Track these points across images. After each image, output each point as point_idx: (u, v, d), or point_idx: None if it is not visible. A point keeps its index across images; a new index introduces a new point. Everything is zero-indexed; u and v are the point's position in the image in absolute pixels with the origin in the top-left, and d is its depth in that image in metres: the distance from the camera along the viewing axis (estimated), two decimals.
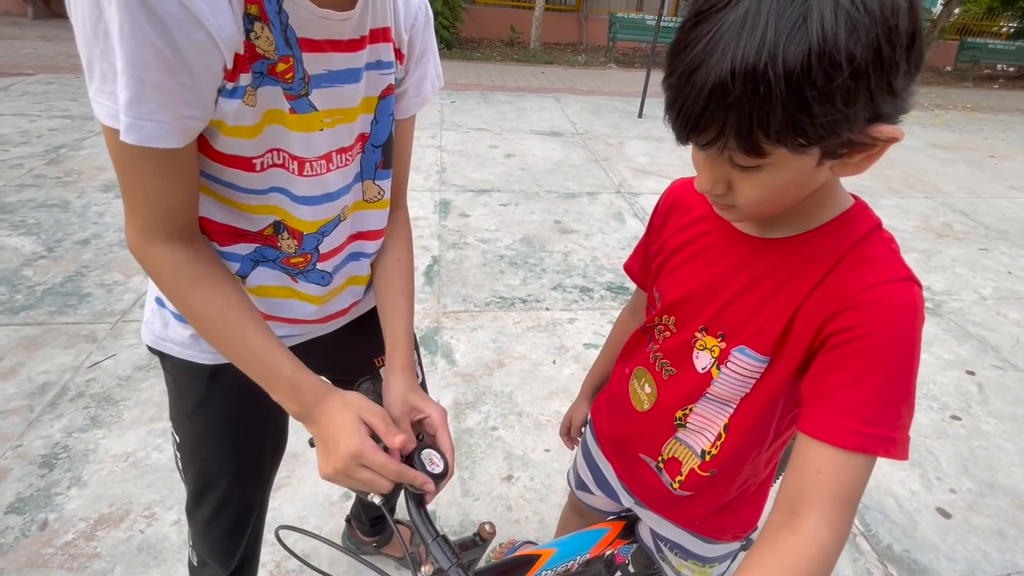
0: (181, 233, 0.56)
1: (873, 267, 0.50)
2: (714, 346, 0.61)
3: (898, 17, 0.37)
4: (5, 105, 4.10)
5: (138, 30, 0.43)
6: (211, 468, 0.82)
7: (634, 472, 0.78)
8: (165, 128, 0.47)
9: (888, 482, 1.72)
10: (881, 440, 0.46)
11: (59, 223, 2.67)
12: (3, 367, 1.83)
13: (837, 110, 0.38)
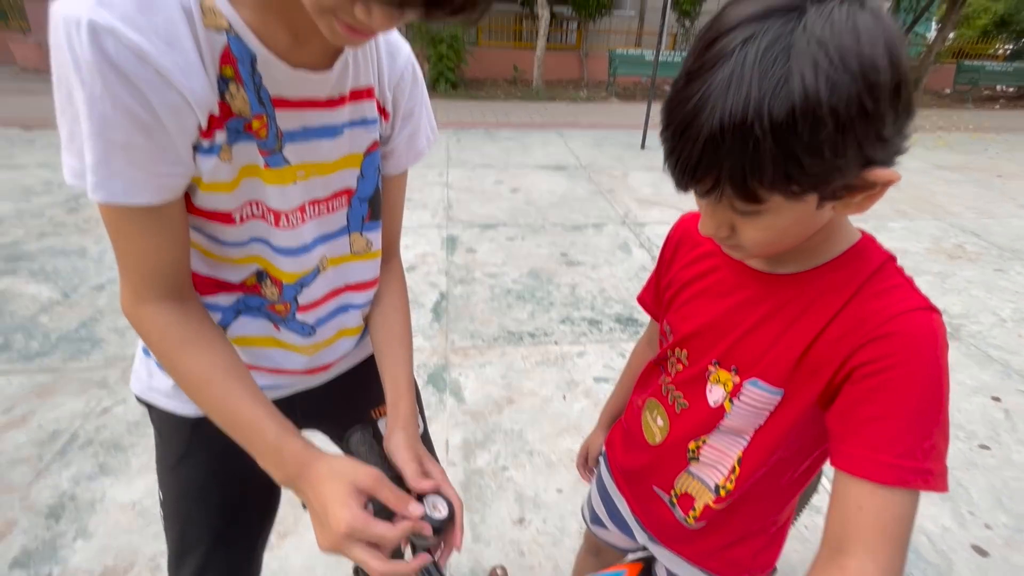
0: (171, 293, 0.56)
1: (893, 298, 0.49)
2: (727, 380, 0.60)
3: (879, 73, 0.37)
4: (30, 156, 4.27)
5: (108, 93, 0.44)
6: (191, 528, 0.78)
7: (647, 505, 0.76)
8: (136, 186, 0.48)
9: (920, 518, 1.63)
10: (920, 473, 0.45)
11: (76, 269, 2.73)
12: (15, 415, 1.84)
13: (826, 160, 0.38)
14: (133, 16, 0.44)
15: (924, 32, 12.17)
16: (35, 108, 5.62)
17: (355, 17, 0.45)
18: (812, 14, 0.38)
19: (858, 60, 0.37)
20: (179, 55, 0.47)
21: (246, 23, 0.50)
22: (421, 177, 4.22)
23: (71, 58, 0.43)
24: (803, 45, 0.37)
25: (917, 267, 3.23)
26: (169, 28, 0.46)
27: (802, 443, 0.60)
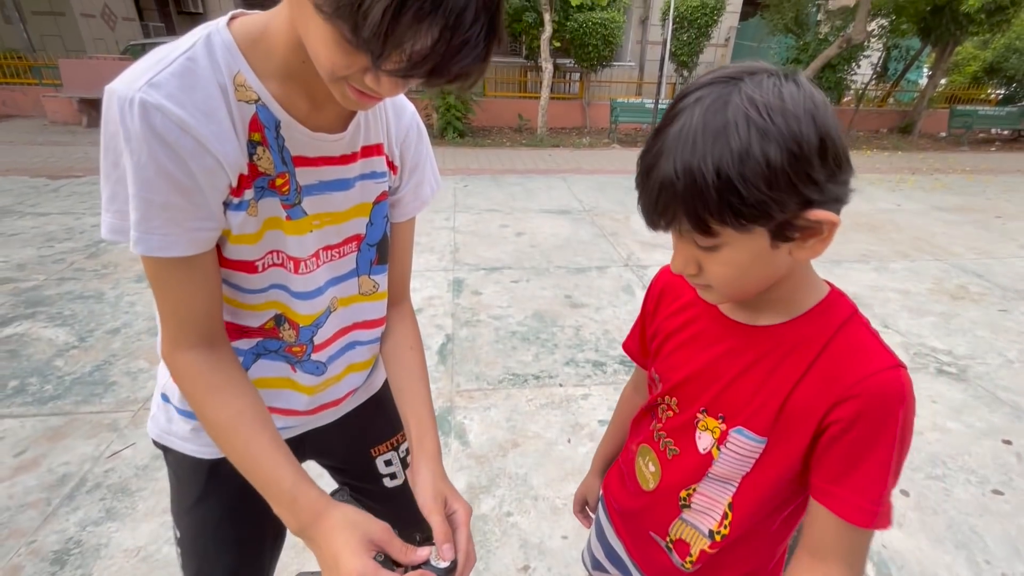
0: (204, 339, 0.61)
1: (863, 357, 0.54)
2: (715, 427, 0.63)
3: (800, 124, 0.45)
4: (54, 204, 4.46)
5: (152, 160, 0.51)
6: (208, 564, 0.82)
7: (645, 550, 0.77)
8: (171, 239, 0.54)
9: (933, 567, 1.60)
10: (883, 515, 0.53)
11: (93, 313, 2.81)
12: (26, 459, 1.86)
13: (763, 193, 0.45)
14: (177, 94, 0.51)
15: (917, 79, 12.60)
16: (62, 159, 5.90)
17: (365, 84, 0.51)
18: (747, 82, 0.47)
19: (782, 114, 0.45)
20: (215, 125, 0.54)
21: (272, 94, 0.58)
22: (428, 222, 4.35)
23: (122, 130, 0.50)
24: (737, 102, 0.45)
25: (920, 308, 3.25)
26: (208, 102, 0.54)
27: (792, 488, 0.62)
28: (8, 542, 1.56)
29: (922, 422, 2.24)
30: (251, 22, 0.58)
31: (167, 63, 0.52)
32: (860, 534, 0.54)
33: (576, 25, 8.52)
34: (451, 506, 0.67)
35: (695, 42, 9.65)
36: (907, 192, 6.09)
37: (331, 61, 0.49)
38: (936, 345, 2.85)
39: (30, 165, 5.56)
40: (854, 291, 3.46)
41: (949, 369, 2.63)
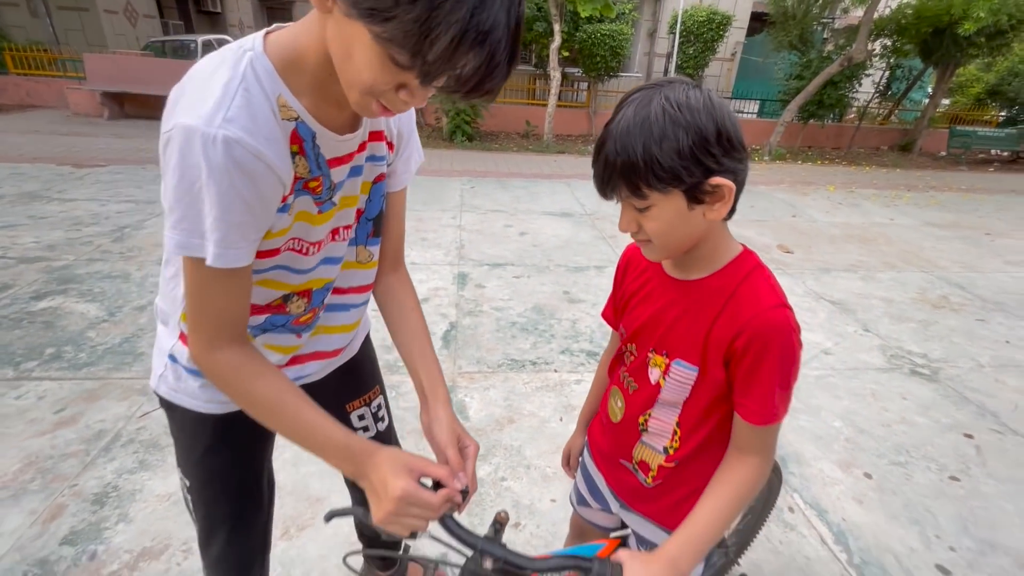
0: (236, 338, 0.69)
1: (756, 299, 0.71)
2: (661, 362, 0.81)
3: (700, 117, 0.62)
4: (80, 191, 4.67)
5: (232, 187, 0.58)
6: (216, 511, 0.92)
7: (618, 476, 0.95)
8: (241, 252, 0.63)
9: (887, 539, 1.76)
10: (775, 416, 0.71)
11: (120, 292, 3.00)
12: (65, 415, 2.04)
13: (675, 163, 0.62)
14: (249, 126, 0.58)
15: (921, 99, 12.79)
16: (86, 149, 6.12)
17: (394, 99, 0.58)
18: (665, 88, 0.64)
19: (688, 109, 0.62)
20: (275, 146, 0.62)
21: (306, 109, 0.65)
22: (436, 220, 4.54)
23: (204, 163, 0.56)
24: (657, 101, 0.63)
25: (902, 315, 3.41)
26: (267, 127, 0.61)
27: (723, 409, 0.79)
28: (53, 484, 1.74)
29: (890, 415, 2.40)
30: (284, 42, 0.63)
31: (231, 96, 0.58)
32: (765, 431, 0.73)
33: (585, 36, 8.75)
34: (463, 441, 0.78)
35: (701, 56, 9.87)
36: (901, 208, 6.25)
37: (374, 79, 0.55)
38: (912, 348, 3.01)
39: (55, 154, 5.78)
40: (840, 297, 3.63)
41: (922, 370, 2.79)
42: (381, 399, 1.14)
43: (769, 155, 8.79)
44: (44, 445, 1.89)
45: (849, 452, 2.16)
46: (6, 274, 3.10)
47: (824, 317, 3.32)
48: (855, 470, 2.06)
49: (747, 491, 0.74)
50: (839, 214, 5.79)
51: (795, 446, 2.17)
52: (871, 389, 2.60)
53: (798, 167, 8.38)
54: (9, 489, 1.71)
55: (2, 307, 2.76)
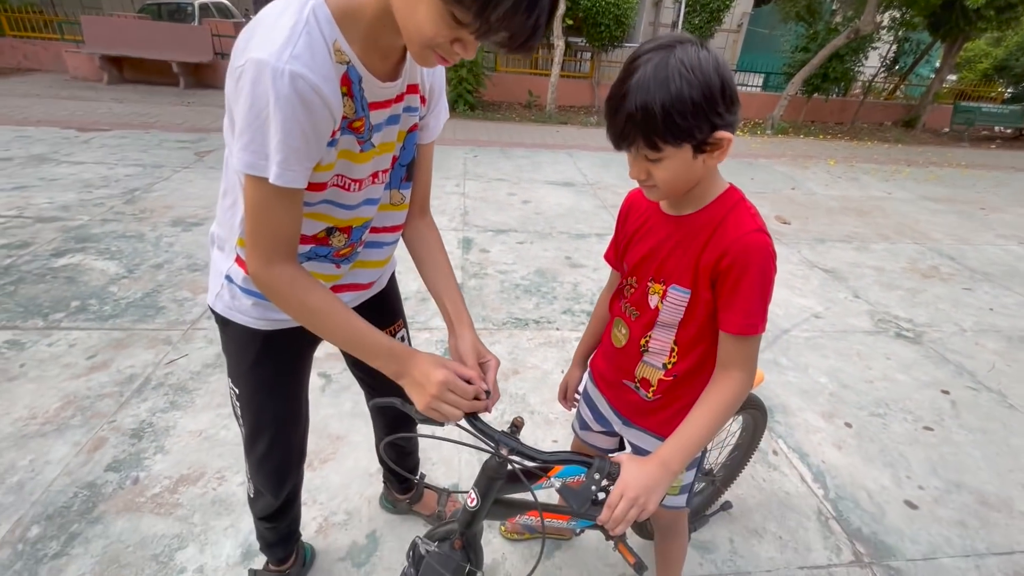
0: (289, 256, 0.77)
1: (738, 224, 0.82)
2: (659, 289, 0.92)
3: (710, 77, 0.70)
4: (87, 155, 4.71)
5: (293, 116, 0.66)
6: (264, 414, 1.04)
7: (620, 394, 1.07)
8: (300, 175, 0.71)
9: (861, 478, 1.91)
10: (754, 327, 0.81)
11: (136, 251, 3.10)
12: (97, 361, 2.17)
13: (690, 123, 0.71)
14: (311, 63, 0.66)
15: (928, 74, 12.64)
16: (88, 113, 6.11)
17: (450, 51, 0.67)
18: (678, 49, 0.71)
19: (700, 70, 0.70)
20: (330, 84, 0.70)
21: (357, 55, 0.73)
22: (440, 187, 4.60)
23: (272, 92, 0.64)
24: (673, 63, 0.70)
25: (891, 283, 3.53)
26: (325, 67, 0.69)
27: (713, 329, 0.90)
28: (92, 421, 1.88)
29: (873, 373, 2.55)
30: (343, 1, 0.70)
31: (296, 36, 0.65)
32: (746, 343, 0.82)
33: (589, 4, 8.60)
34: (484, 356, 0.90)
35: (706, 27, 9.73)
36: (900, 182, 6.31)
37: (435, 32, 0.63)
38: (899, 314, 3.14)
39: (59, 117, 5.78)
40: (833, 266, 3.74)
41: (907, 334, 2.92)
42: (404, 331, 1.26)
43: (771, 129, 8.77)
44: (80, 387, 2.03)
45: (832, 404, 2.30)
46: (24, 232, 3.19)
47: (817, 284, 3.44)
48: (836, 420, 2.21)
49: (731, 403, 0.83)
50: (838, 187, 5.86)
51: (782, 398, 2.31)
52: (857, 350, 2.73)
53: (800, 141, 8.38)
54: (52, 424, 1.84)
55: (25, 263, 2.86)
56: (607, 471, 0.77)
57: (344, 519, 1.60)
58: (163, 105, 6.88)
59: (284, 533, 1.27)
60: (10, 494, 1.58)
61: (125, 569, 1.40)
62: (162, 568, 1.41)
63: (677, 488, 1.10)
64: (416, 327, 2.60)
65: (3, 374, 2.05)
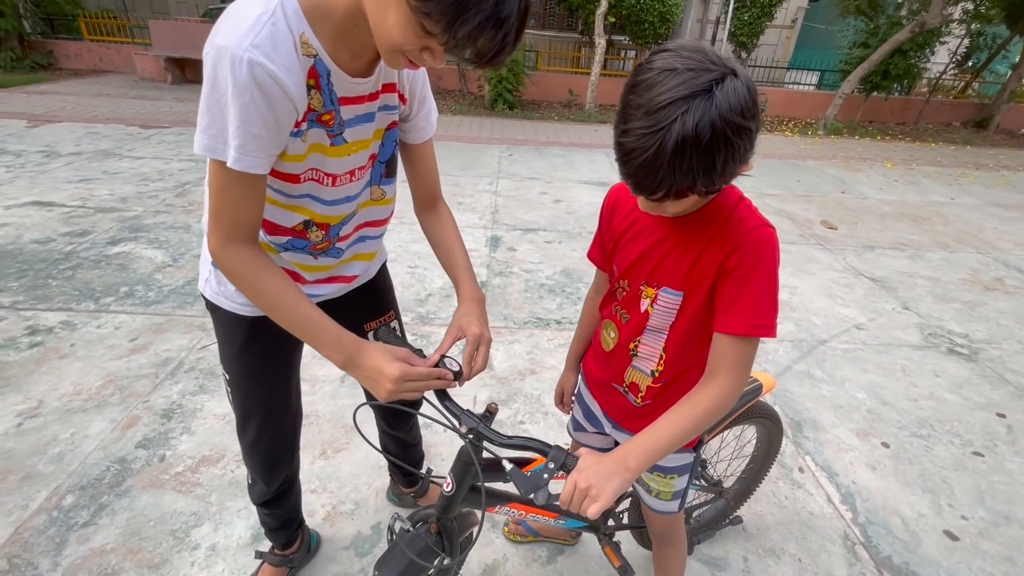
0: (250, 238, 0.78)
1: (745, 220, 0.77)
2: (651, 293, 0.88)
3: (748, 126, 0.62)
4: (147, 150, 5.02)
5: (253, 102, 0.67)
6: (251, 399, 1.07)
7: (610, 399, 1.04)
8: (259, 161, 0.72)
9: (896, 503, 1.78)
10: (763, 327, 0.76)
11: (182, 241, 3.28)
12: (138, 344, 2.31)
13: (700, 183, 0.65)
14: (271, 53, 0.67)
15: (1005, 71, 11.68)
16: (151, 111, 6.52)
17: (420, 58, 0.67)
18: (718, 95, 0.60)
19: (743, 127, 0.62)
20: (293, 75, 0.71)
21: (325, 49, 0.74)
22: (472, 185, 4.63)
23: (231, 78, 0.66)
24: (716, 119, 0.60)
25: (947, 295, 3.28)
26: (288, 58, 0.70)
27: (705, 335, 0.85)
28: (128, 399, 1.99)
29: (919, 391, 2.37)
30: None
31: (260, 26, 0.67)
32: (745, 345, 0.76)
33: (634, 1, 8.44)
34: (472, 330, 0.89)
35: (756, 23, 9.35)
36: (965, 187, 5.86)
37: (404, 40, 0.64)
38: (954, 328, 2.91)
39: (125, 115, 6.20)
40: (882, 274, 3.51)
41: (961, 350, 2.70)
42: (396, 323, 1.26)
43: (824, 129, 8.33)
44: (121, 367, 2.16)
45: (868, 422, 2.16)
46: (86, 221, 3.44)
47: (861, 293, 3.24)
48: (872, 439, 2.07)
49: (710, 411, 0.77)
50: (893, 191, 5.49)
51: (812, 413, 2.19)
52: (902, 365, 2.55)
53: (854, 142, 7.92)
54: (94, 400, 1.97)
55: (84, 249, 3.08)
56: (562, 462, 0.75)
57: (352, 508, 1.63)
58: None
59: (283, 520, 1.30)
60: (51, 464, 1.70)
61: (145, 542, 1.48)
62: (178, 543, 1.48)
63: (669, 494, 1.06)
64: (438, 323, 2.62)
65: (55, 352, 2.22)
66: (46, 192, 3.85)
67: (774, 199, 4.92)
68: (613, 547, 1.26)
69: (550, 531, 1.55)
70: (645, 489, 1.09)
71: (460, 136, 6.49)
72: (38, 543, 1.45)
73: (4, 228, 3.26)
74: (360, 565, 1.47)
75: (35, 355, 2.19)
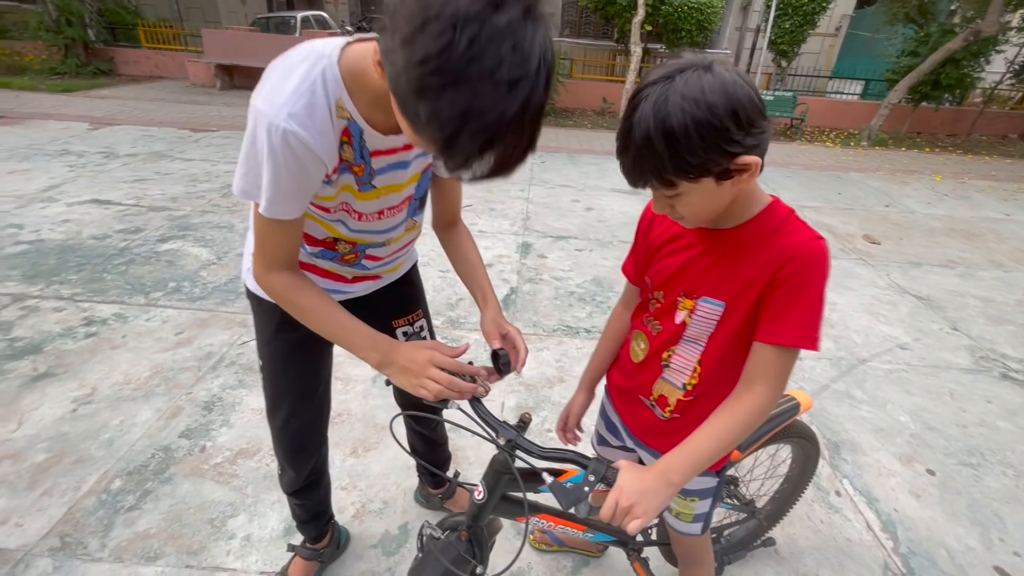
0: (287, 266, 0.87)
1: (797, 235, 0.76)
2: (689, 304, 0.86)
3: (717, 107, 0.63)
4: (196, 152, 5.26)
5: (285, 165, 0.73)
6: (280, 385, 1.13)
7: (634, 412, 1.01)
8: (288, 209, 0.79)
9: (942, 535, 1.70)
10: (809, 339, 0.75)
11: (226, 240, 3.42)
12: (183, 337, 2.41)
13: (700, 157, 0.65)
14: (307, 122, 0.72)
15: None
16: (201, 115, 6.83)
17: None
18: (678, 80, 0.65)
19: (704, 102, 0.63)
20: (326, 139, 0.76)
21: (360, 113, 0.78)
22: (504, 192, 4.66)
23: (267, 142, 0.71)
24: (673, 97, 0.64)
25: (1001, 316, 3.11)
26: (322, 124, 0.74)
27: (743, 349, 0.83)
28: (173, 390, 2.09)
29: (968, 416, 2.25)
30: (355, 60, 0.75)
31: (299, 95, 0.71)
32: (787, 356, 0.76)
33: (671, 9, 8.38)
34: (504, 328, 0.95)
35: (799, 31, 9.12)
36: (1022, 202, 5.55)
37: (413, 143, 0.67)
38: (1008, 352, 2.76)
39: (177, 119, 6.52)
40: (929, 293, 3.36)
41: (1016, 375, 2.56)
42: (423, 322, 1.29)
43: (867, 140, 8.04)
44: (167, 359, 2.26)
45: (912, 447, 2.06)
46: (139, 219, 3.62)
47: (906, 312, 3.11)
48: (917, 465, 1.98)
49: (749, 420, 0.77)
50: (942, 206, 5.26)
51: (851, 434, 2.11)
52: (949, 389, 2.43)
53: (901, 154, 7.61)
54: (142, 390, 2.07)
55: (136, 246, 3.24)
56: (602, 475, 0.75)
57: (380, 507, 1.66)
58: None
59: (313, 513, 1.34)
60: (101, 448, 1.79)
61: (185, 528, 1.54)
62: (215, 532, 1.54)
63: (690, 516, 1.04)
64: (468, 327, 2.65)
65: (108, 343, 2.34)
66: (104, 191, 4.08)
67: (812, 211, 4.78)
68: (642, 563, 1.25)
69: (576, 542, 1.54)
70: (666, 508, 1.07)
71: None
72: (88, 523, 1.53)
73: (67, 224, 3.47)
74: (387, 564, 1.49)
75: (90, 344, 2.32)
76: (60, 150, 5.00)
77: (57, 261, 3.00)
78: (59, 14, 8.40)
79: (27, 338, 2.33)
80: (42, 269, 2.90)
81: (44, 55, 8.82)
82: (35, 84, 7.78)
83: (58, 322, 2.46)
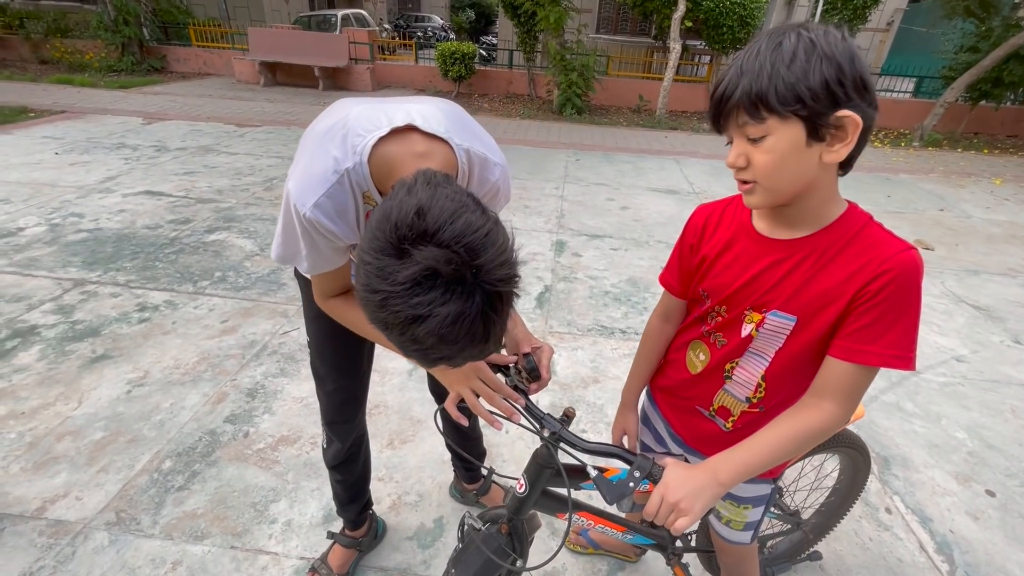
0: (339, 292, 0.99)
1: (884, 245, 0.70)
2: (756, 317, 0.81)
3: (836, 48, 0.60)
4: (241, 147, 5.44)
5: (314, 242, 0.84)
6: (325, 359, 1.21)
7: (689, 421, 0.97)
8: (325, 266, 0.90)
9: (1003, 560, 1.60)
10: (904, 359, 0.69)
11: (270, 232, 3.52)
12: (228, 326, 2.50)
13: (802, 85, 0.60)
14: (331, 213, 0.80)
15: None
16: (245, 111, 7.05)
17: None
18: (801, 26, 0.63)
19: (824, 39, 0.61)
20: (349, 227, 0.84)
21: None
22: (539, 189, 4.64)
23: (297, 224, 0.81)
24: (791, 34, 0.62)
25: None
26: (347, 214, 0.82)
27: (813, 364, 0.78)
28: (219, 377, 2.16)
29: None
30: (384, 161, 0.79)
31: (327, 185, 0.78)
32: (867, 375, 0.71)
33: (713, 5, 8.17)
34: (535, 342, 0.94)
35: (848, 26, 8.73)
36: None
37: None
38: None
39: (223, 114, 6.75)
40: (988, 303, 3.17)
41: None
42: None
43: (920, 140, 7.65)
44: (213, 346, 2.35)
45: (970, 466, 1.95)
46: (188, 211, 3.77)
47: (963, 322, 2.94)
48: (975, 485, 1.87)
49: (811, 435, 0.73)
50: (1003, 211, 4.95)
51: (903, 449, 2.01)
52: (1011, 405, 2.29)
53: (956, 155, 7.21)
54: (190, 375, 2.16)
55: (185, 236, 3.38)
56: (648, 471, 0.73)
57: (416, 500, 1.68)
58: (304, 105, 7.73)
59: (353, 492, 1.38)
60: (153, 429, 1.87)
61: (230, 510, 1.59)
62: (258, 516, 1.58)
63: (741, 524, 1.00)
64: None
65: (159, 328, 2.44)
66: (156, 183, 4.26)
67: None
68: (683, 568, 1.22)
69: (612, 544, 1.52)
70: (715, 515, 1.04)
71: (528, 140, 6.53)
72: (141, 501, 1.60)
73: (122, 214, 3.64)
74: (422, 557, 1.50)
75: (143, 330, 2.43)
76: (117, 143, 5.25)
77: (113, 249, 3.15)
78: (117, 14, 8.82)
79: (87, 321, 2.46)
80: (100, 256, 3.06)
81: (103, 53, 9.28)
82: (95, 81, 8.19)
83: (114, 307, 2.58)
